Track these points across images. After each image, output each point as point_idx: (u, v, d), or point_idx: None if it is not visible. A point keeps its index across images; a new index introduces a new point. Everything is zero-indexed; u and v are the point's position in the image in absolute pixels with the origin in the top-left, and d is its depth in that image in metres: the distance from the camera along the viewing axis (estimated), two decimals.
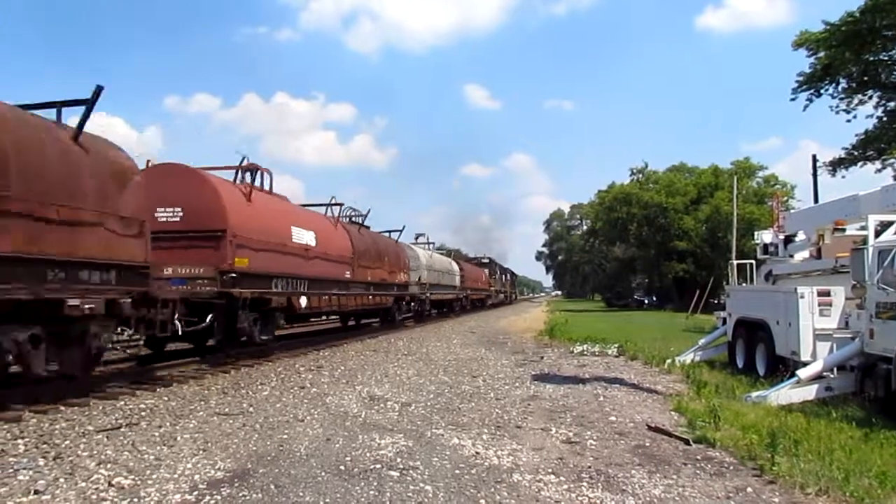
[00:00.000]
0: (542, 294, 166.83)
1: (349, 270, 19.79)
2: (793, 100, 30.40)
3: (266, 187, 16.06)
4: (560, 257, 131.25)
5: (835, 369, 9.27)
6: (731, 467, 5.90)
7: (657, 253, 58.92)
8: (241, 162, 15.42)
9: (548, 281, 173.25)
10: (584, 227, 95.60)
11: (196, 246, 12.91)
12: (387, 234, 27.56)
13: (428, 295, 30.74)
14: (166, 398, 9.29)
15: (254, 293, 13.62)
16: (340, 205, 21.21)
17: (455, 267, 40.19)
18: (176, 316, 11.06)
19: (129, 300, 9.65)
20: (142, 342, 13.20)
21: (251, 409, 8.49)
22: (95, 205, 9.14)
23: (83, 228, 8.90)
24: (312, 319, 22.72)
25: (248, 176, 15.35)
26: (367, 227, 23.95)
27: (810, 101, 29.96)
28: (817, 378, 9.11)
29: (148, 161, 13.41)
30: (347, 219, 22.03)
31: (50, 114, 9.24)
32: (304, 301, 16.15)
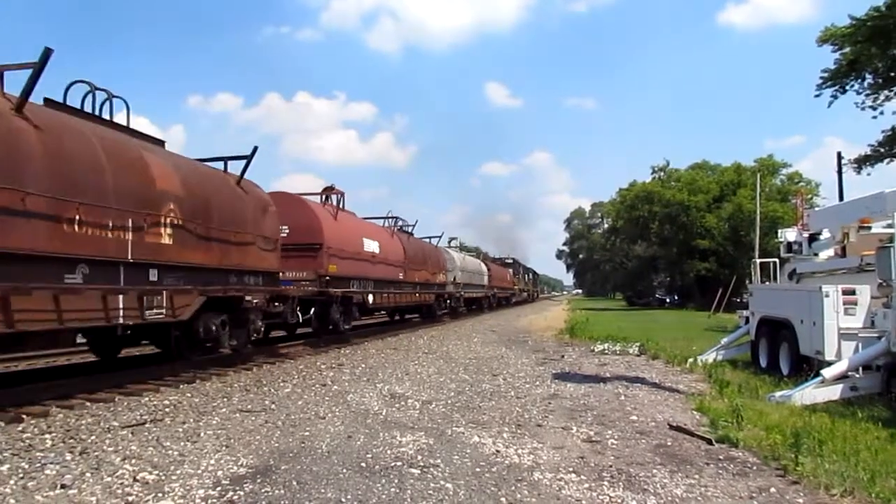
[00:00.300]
0: (563, 293, 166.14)
1: (402, 272, 23.48)
2: (817, 96, 29.99)
3: (341, 205, 19.54)
4: (581, 256, 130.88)
5: (860, 369, 9.14)
6: (755, 467, 5.85)
7: (679, 251, 58.44)
8: (328, 188, 19.70)
9: (568, 279, 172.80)
10: (605, 226, 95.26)
11: (300, 256, 16.31)
12: (427, 240, 31.24)
13: (462, 293, 34.38)
14: (189, 395, 9.40)
15: (344, 292, 17.77)
16: (396, 218, 25.74)
17: (483, 267, 43.32)
18: (297, 309, 15.15)
19: (270, 297, 13.65)
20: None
21: (273, 406, 8.57)
22: (252, 230, 12.91)
23: (247, 247, 12.69)
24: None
25: (333, 198, 19.36)
26: (412, 235, 27.76)
27: (835, 97, 29.54)
28: (842, 378, 8.99)
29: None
30: (399, 228, 25.86)
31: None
32: (371, 298, 20.11)
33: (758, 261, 16.70)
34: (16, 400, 8.22)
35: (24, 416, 7.53)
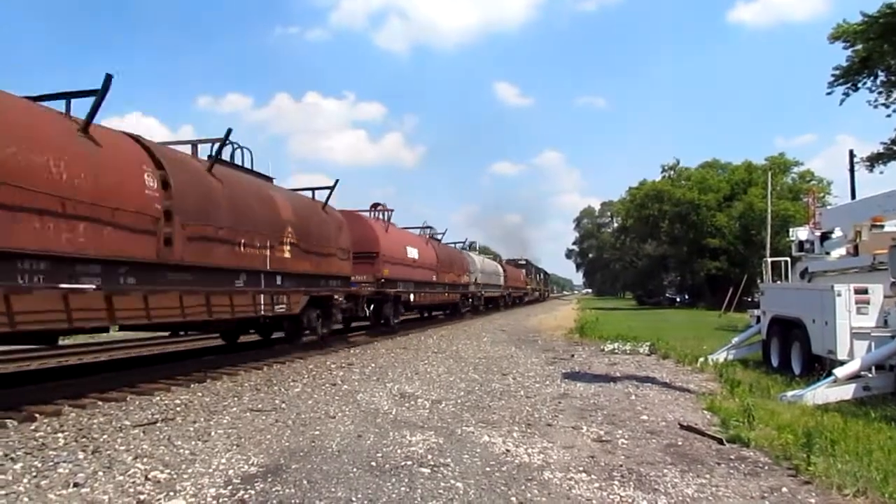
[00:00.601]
0: (572, 292, 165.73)
1: (434, 275, 27.21)
2: (829, 94, 29.84)
3: (389, 220, 24.08)
4: (590, 255, 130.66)
5: (873, 368, 9.07)
6: (766, 467, 5.82)
7: (689, 250, 58.26)
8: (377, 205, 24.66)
9: (578, 279, 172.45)
10: (615, 225, 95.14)
11: (361, 262, 19.20)
12: (452, 245, 36.16)
13: (482, 293, 38.12)
14: (200, 394, 9.45)
15: (395, 292, 21.63)
16: (429, 227, 31.47)
17: (500, 269, 46.78)
18: (365, 305, 19.40)
19: (346, 296, 17.48)
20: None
21: (283, 405, 8.59)
22: (334, 244, 16.47)
23: (331, 258, 16.28)
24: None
25: (384, 215, 24.16)
26: (440, 241, 31.94)
27: (847, 94, 29.38)
28: (855, 377, 8.94)
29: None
30: (430, 237, 30.36)
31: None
32: (412, 297, 23.93)
33: (769, 260, 16.65)
34: (29, 399, 8.30)
35: (37, 415, 7.59)
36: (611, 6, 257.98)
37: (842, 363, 9.29)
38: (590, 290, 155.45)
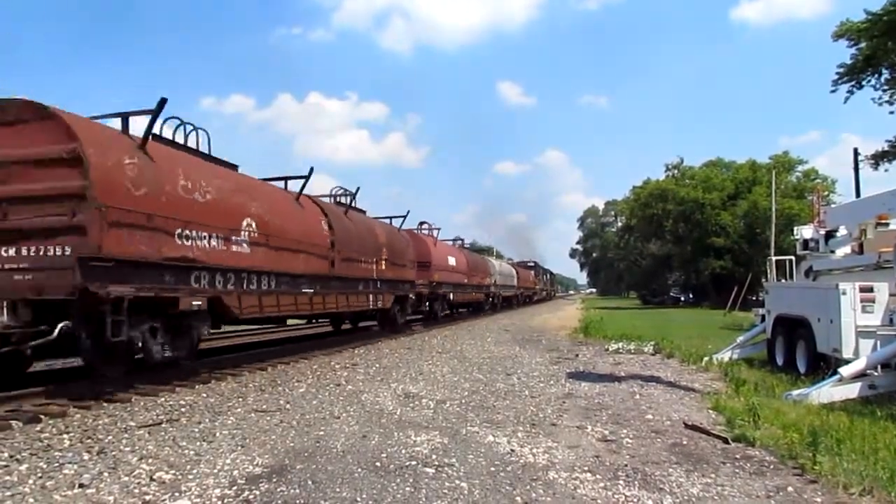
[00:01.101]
0: (575, 291, 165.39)
1: (466, 278, 33.20)
2: (833, 92, 29.80)
3: (433, 235, 30.00)
4: (594, 255, 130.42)
5: (879, 367, 9.05)
6: (772, 466, 5.81)
7: (693, 249, 58.17)
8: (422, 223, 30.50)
9: (582, 278, 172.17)
10: (619, 224, 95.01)
11: (419, 269, 24.30)
12: (477, 253, 44.95)
13: (500, 292, 43.50)
14: (205, 395, 9.46)
15: (443, 292, 28.24)
16: (462, 239, 40.27)
17: (513, 271, 52.31)
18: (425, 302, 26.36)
19: (413, 295, 23.30)
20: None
21: (288, 405, 8.60)
22: (406, 257, 22.09)
23: (405, 267, 21.90)
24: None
25: (435, 232, 30.26)
26: (467, 249, 40.32)
27: (851, 92, 29.33)
28: (860, 376, 8.91)
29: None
30: (461, 245, 38.23)
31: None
32: (452, 296, 29.92)
33: (774, 258, 16.55)
34: (34, 400, 8.32)
35: (42, 417, 7.60)
36: (613, 5, 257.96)
37: (847, 362, 9.27)
38: (594, 290, 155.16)
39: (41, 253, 8.49)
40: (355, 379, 11.14)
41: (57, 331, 8.31)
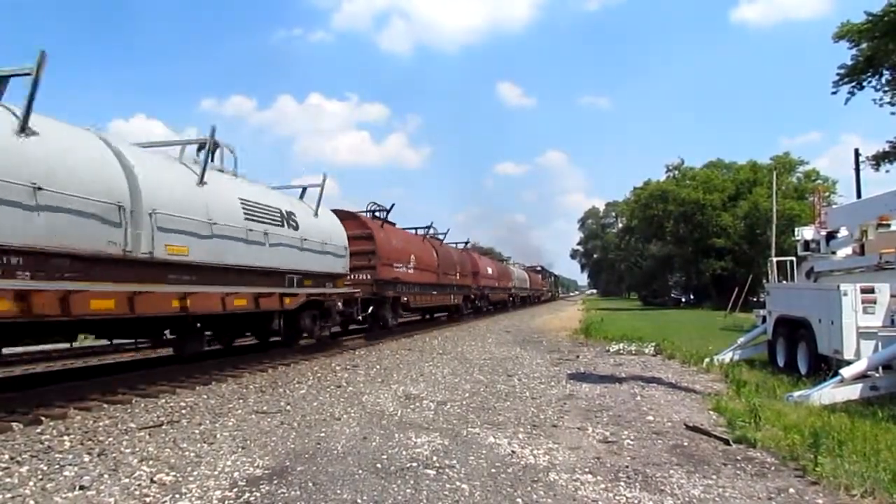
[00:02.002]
0: (576, 292, 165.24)
1: (497, 282, 42.91)
2: (834, 93, 29.77)
3: (477, 251, 45.40)
4: (595, 255, 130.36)
5: (880, 368, 9.04)
6: (773, 468, 5.80)
7: (694, 250, 58.13)
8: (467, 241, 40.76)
9: (583, 279, 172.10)
10: (620, 225, 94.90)
11: (470, 277, 33.78)
12: (501, 261, 55.62)
13: (518, 293, 53.52)
14: (205, 396, 9.46)
15: (486, 293, 38.26)
16: (492, 249, 62.95)
17: (526, 275, 61.40)
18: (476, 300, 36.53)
19: (464, 296, 32.60)
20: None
21: (289, 407, 8.59)
22: (466, 269, 33.05)
23: (466, 276, 32.61)
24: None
25: (475, 248, 45.25)
26: (492, 258, 52.28)
27: (852, 93, 29.30)
28: (861, 377, 8.90)
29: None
30: (489, 256, 50.63)
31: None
32: (490, 296, 39.76)
33: (774, 259, 16.54)
34: (35, 402, 8.32)
35: (42, 418, 7.61)
36: (613, 6, 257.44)
37: (848, 363, 9.25)
38: (595, 291, 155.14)
39: (360, 278, 19.23)
40: (356, 380, 11.13)
41: (370, 311, 19.46)
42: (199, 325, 12.11)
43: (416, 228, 29.02)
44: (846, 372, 8.84)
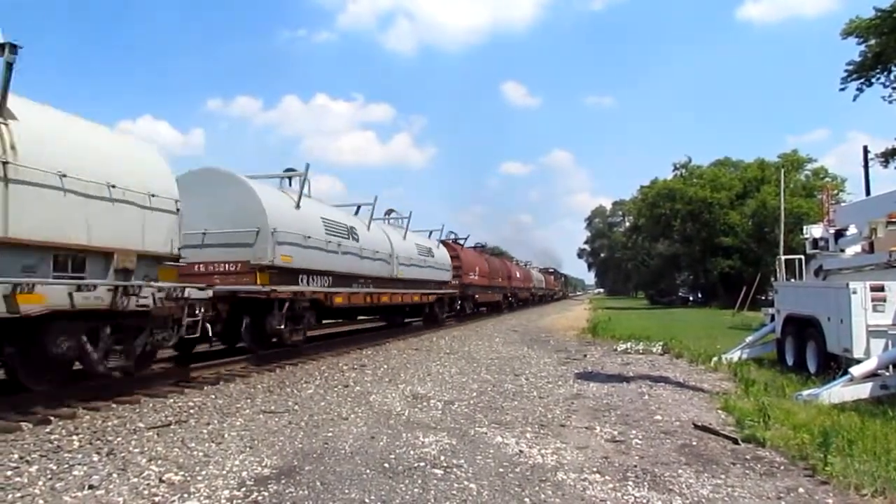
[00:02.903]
0: (581, 292, 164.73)
1: (523, 283, 51.24)
2: (842, 90, 29.59)
3: (515, 261, 59.17)
4: (602, 255, 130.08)
5: (890, 366, 8.99)
6: (782, 467, 5.77)
7: (702, 249, 57.94)
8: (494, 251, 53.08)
9: (590, 278, 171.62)
10: (627, 224, 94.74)
11: (497, 284, 39.99)
12: (522, 264, 61.47)
13: (537, 292, 62.53)
14: (213, 396, 9.48)
15: (515, 293, 47.98)
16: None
17: (542, 277, 70.02)
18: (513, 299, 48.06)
19: (503, 295, 43.45)
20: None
21: (296, 407, 8.61)
22: (503, 275, 42.10)
23: (512, 279, 45.68)
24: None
25: (513, 259, 59.11)
26: (518, 263, 59.64)
27: (861, 90, 29.13)
28: (871, 376, 8.85)
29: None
30: (516, 262, 57.44)
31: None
32: (518, 294, 49.49)
33: (783, 258, 16.47)
34: (44, 402, 8.34)
35: (51, 418, 7.63)
36: (618, 5, 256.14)
37: (858, 361, 9.20)
38: (602, 290, 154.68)
39: (452, 283, 28.10)
40: (363, 380, 11.14)
41: (458, 304, 29.79)
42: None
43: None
44: (856, 370, 8.79)
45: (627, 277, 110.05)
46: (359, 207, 20.60)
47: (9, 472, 5.42)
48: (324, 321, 18.87)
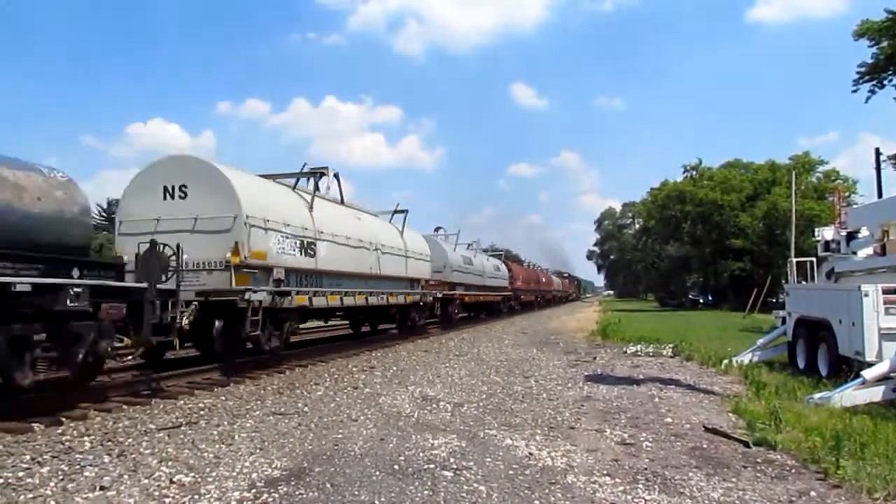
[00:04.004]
0: (590, 294, 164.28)
1: (546, 287, 62.19)
2: (854, 91, 29.33)
3: (542, 268, 71.43)
4: (612, 256, 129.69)
5: None
6: (794, 470, 5.74)
7: (712, 251, 57.73)
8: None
9: (599, 280, 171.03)
10: (637, 226, 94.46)
11: (533, 288, 54.20)
12: (542, 269, 69.54)
13: (556, 294, 72.15)
14: (223, 398, 9.51)
15: (544, 295, 61.89)
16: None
17: (560, 280, 79.59)
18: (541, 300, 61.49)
19: (535, 296, 56.65)
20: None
21: (306, 408, 8.62)
22: (535, 280, 56.37)
23: (530, 284, 51.47)
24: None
25: (541, 268, 70.84)
26: (541, 269, 67.64)
27: (873, 92, 28.86)
28: (884, 379, 8.78)
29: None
30: (540, 269, 68.60)
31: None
32: (543, 297, 60.56)
33: (794, 260, 16.38)
34: (55, 403, 8.39)
35: (63, 420, 7.68)
36: (627, 7, 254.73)
37: (870, 364, 9.13)
38: (611, 292, 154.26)
39: (505, 288, 39.84)
40: (373, 382, 11.15)
41: (510, 303, 42.65)
42: None
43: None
44: (868, 373, 8.73)
45: (637, 279, 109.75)
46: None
47: (21, 473, 5.46)
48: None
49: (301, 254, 13.79)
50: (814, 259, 15.61)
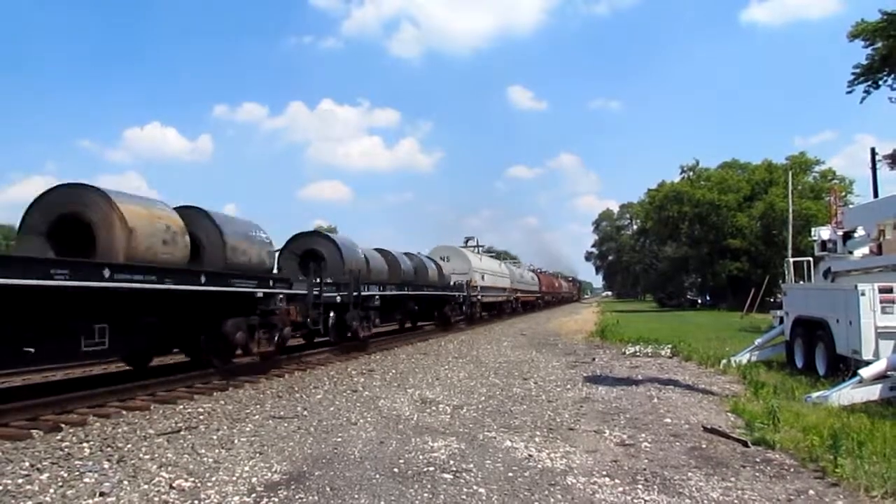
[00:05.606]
0: (588, 295, 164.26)
1: (556, 289, 71.94)
2: (849, 92, 29.40)
3: (552, 273, 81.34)
4: (610, 258, 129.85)
5: None
6: (792, 469, 5.76)
7: (710, 251, 57.89)
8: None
9: (598, 282, 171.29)
10: (634, 227, 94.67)
11: (549, 291, 68.04)
12: (550, 273, 75.31)
13: (562, 295, 78.02)
14: (223, 402, 9.51)
15: (554, 296, 71.27)
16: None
17: (564, 283, 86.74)
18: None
19: (551, 298, 70.00)
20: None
21: (305, 412, 8.63)
22: (547, 284, 65.12)
23: (544, 287, 60.19)
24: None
25: (553, 274, 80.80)
26: (550, 273, 75.27)
27: (868, 92, 28.90)
28: (881, 377, 8.81)
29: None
30: (553, 274, 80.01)
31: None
32: (552, 298, 67.96)
33: (791, 260, 16.43)
34: (54, 409, 8.40)
35: (62, 426, 7.67)
36: (622, 9, 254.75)
37: (867, 363, 9.16)
38: (610, 293, 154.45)
39: (534, 292, 54.70)
40: (372, 385, 11.16)
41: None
42: None
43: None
44: (865, 372, 8.77)
45: (635, 280, 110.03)
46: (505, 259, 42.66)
47: (20, 480, 5.45)
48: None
49: (481, 279, 32.36)
50: (811, 259, 15.65)
